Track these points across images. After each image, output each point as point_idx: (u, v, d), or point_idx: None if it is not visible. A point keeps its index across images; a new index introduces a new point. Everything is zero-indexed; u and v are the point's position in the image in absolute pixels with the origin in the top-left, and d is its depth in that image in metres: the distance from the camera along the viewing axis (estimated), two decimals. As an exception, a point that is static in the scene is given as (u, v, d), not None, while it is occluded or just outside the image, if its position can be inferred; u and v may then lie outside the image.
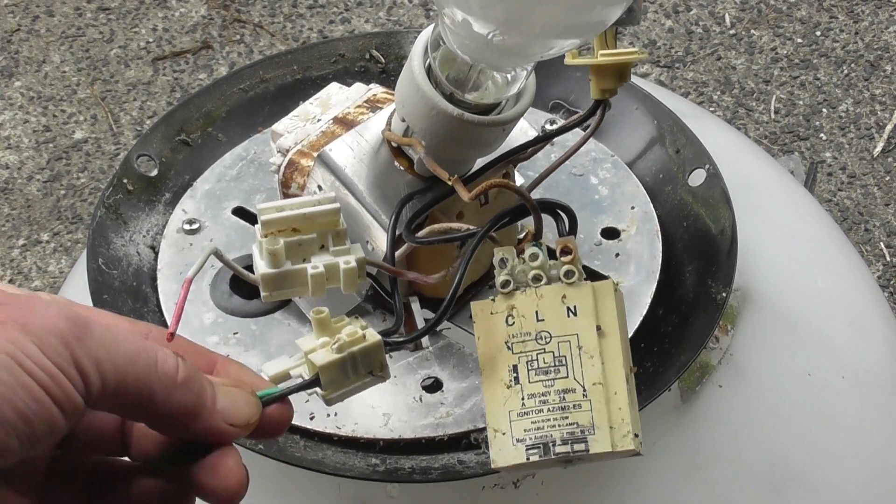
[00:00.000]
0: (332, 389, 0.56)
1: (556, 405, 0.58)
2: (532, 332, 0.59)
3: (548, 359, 0.58)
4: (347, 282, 0.60)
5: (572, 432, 0.58)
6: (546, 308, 0.59)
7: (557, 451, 0.57)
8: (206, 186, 0.81)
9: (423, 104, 0.62)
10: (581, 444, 0.57)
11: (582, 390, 0.58)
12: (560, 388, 0.58)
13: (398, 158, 0.67)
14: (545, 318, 0.59)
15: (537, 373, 0.58)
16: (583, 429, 0.57)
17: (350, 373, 0.56)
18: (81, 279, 0.76)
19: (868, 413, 0.79)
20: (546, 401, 0.58)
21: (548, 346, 0.59)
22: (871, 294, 0.86)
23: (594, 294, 0.59)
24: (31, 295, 0.49)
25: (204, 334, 0.72)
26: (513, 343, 0.59)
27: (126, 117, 1.89)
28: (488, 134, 0.63)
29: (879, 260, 1.67)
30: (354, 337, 0.56)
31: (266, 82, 0.87)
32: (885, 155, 1.78)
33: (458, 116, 0.62)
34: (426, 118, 0.63)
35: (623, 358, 0.58)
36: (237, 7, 2.03)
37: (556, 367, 0.58)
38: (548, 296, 0.59)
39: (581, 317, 0.58)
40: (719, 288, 0.71)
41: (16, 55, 1.99)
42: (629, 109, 0.82)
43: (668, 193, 0.78)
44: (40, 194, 1.80)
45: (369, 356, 0.57)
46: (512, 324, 0.59)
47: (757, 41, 1.93)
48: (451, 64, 0.62)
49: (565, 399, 0.58)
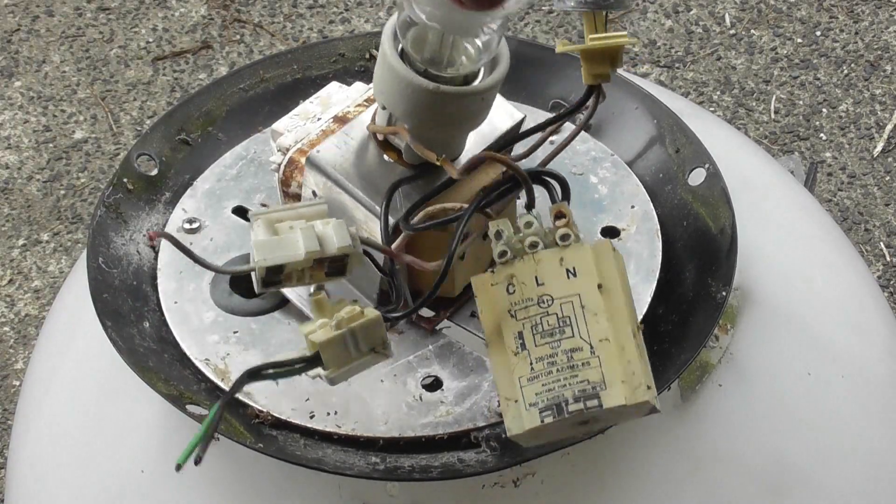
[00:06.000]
0: (335, 368, 0.56)
1: (564, 365, 0.57)
2: (534, 298, 0.58)
3: (552, 321, 0.58)
4: (340, 236, 0.59)
5: (584, 389, 0.57)
6: (545, 272, 0.59)
7: (571, 409, 0.57)
8: (206, 186, 0.81)
9: (399, 85, 0.63)
10: (594, 400, 0.57)
11: (589, 348, 0.57)
12: (567, 347, 0.57)
13: (387, 151, 0.67)
14: (545, 283, 0.58)
15: (542, 336, 0.58)
16: (594, 385, 0.57)
17: (352, 350, 0.57)
18: (81, 279, 0.76)
19: (868, 413, 0.79)
20: (554, 362, 0.57)
21: (550, 308, 0.58)
22: (871, 294, 0.86)
23: (593, 254, 0.58)
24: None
25: (204, 333, 0.72)
26: (516, 311, 0.59)
27: (126, 117, 1.89)
28: (468, 105, 0.63)
29: (879, 260, 1.67)
30: (353, 313, 0.56)
31: (266, 82, 0.87)
32: (885, 155, 1.78)
33: (435, 90, 0.62)
34: (405, 99, 0.63)
35: (628, 313, 0.57)
36: (237, 7, 2.03)
37: (562, 328, 0.58)
38: (546, 260, 0.59)
39: (581, 277, 0.58)
40: (719, 287, 0.71)
41: (16, 55, 1.99)
42: (629, 109, 0.82)
43: (668, 193, 0.78)
44: (40, 194, 1.80)
45: (370, 332, 0.57)
46: (513, 292, 0.59)
47: (757, 41, 1.93)
48: (423, 44, 0.62)
49: (573, 358, 0.57)
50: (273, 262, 0.58)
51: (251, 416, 0.68)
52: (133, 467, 0.74)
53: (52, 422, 0.80)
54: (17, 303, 1.68)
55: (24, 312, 1.67)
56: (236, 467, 0.70)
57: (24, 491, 0.81)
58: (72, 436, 0.78)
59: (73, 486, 0.77)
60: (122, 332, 0.72)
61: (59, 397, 0.81)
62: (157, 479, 0.73)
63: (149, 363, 0.70)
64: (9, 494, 0.82)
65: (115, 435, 0.76)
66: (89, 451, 0.77)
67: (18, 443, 0.84)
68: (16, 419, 0.86)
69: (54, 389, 0.82)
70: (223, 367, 0.70)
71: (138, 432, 0.75)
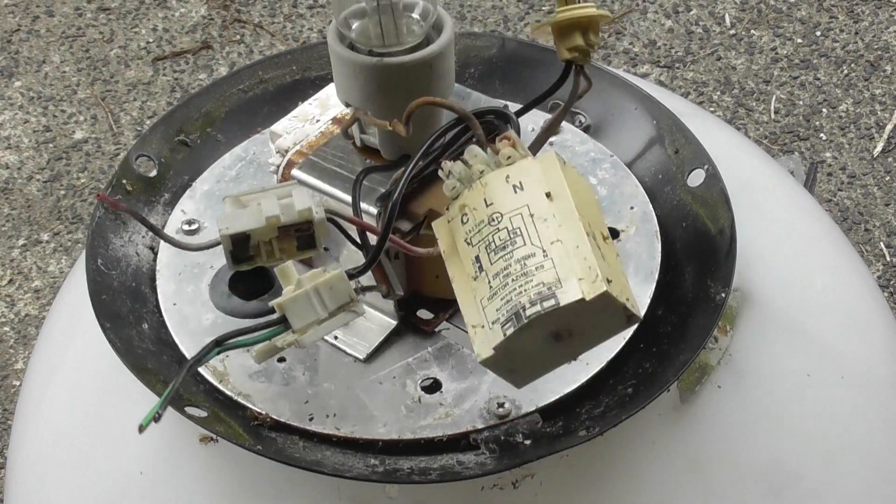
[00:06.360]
0: (303, 327, 0.57)
1: (518, 273, 0.57)
2: (485, 219, 0.58)
3: (503, 235, 0.58)
4: (300, 201, 0.60)
5: (539, 292, 0.56)
6: (493, 193, 0.59)
7: (528, 313, 0.56)
8: (205, 187, 0.81)
9: (350, 72, 0.65)
10: (551, 301, 0.56)
11: (542, 252, 0.57)
12: (519, 256, 0.57)
13: (367, 155, 0.69)
14: (494, 202, 0.59)
15: (496, 252, 0.58)
16: (549, 286, 0.56)
17: (318, 308, 0.57)
18: (81, 279, 0.76)
19: (868, 413, 0.79)
20: (509, 273, 0.57)
21: (501, 223, 0.58)
22: (871, 294, 0.86)
23: (539, 166, 0.58)
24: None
25: (203, 335, 0.72)
26: (471, 237, 0.59)
27: (126, 117, 1.89)
28: (418, 76, 0.65)
29: (879, 260, 1.67)
30: (315, 273, 0.57)
31: (265, 83, 0.87)
32: (885, 155, 1.78)
33: (378, 63, 0.64)
34: (357, 84, 0.65)
35: (579, 216, 0.57)
36: (237, 7, 2.03)
37: (513, 240, 0.57)
38: (492, 182, 0.59)
39: (528, 189, 0.58)
40: (718, 288, 0.71)
41: (16, 55, 1.99)
42: (628, 109, 0.82)
43: (668, 194, 0.78)
44: (40, 194, 1.80)
45: (334, 289, 0.57)
46: (466, 221, 0.59)
47: (757, 41, 1.93)
48: (367, 33, 0.65)
49: (526, 265, 0.57)
50: (235, 230, 0.59)
51: (250, 419, 0.68)
52: (132, 468, 0.74)
53: (52, 422, 0.80)
54: (17, 303, 1.68)
55: (24, 312, 1.67)
56: (236, 469, 0.70)
57: (24, 491, 0.81)
58: (72, 436, 0.78)
59: (72, 486, 0.77)
60: (121, 334, 0.72)
61: (59, 397, 0.81)
62: (156, 480, 0.73)
63: (147, 365, 0.70)
64: (9, 494, 0.82)
65: (115, 436, 0.76)
66: (89, 452, 0.77)
67: (18, 443, 0.84)
68: (16, 419, 0.86)
69: (54, 389, 0.82)
70: (221, 368, 0.70)
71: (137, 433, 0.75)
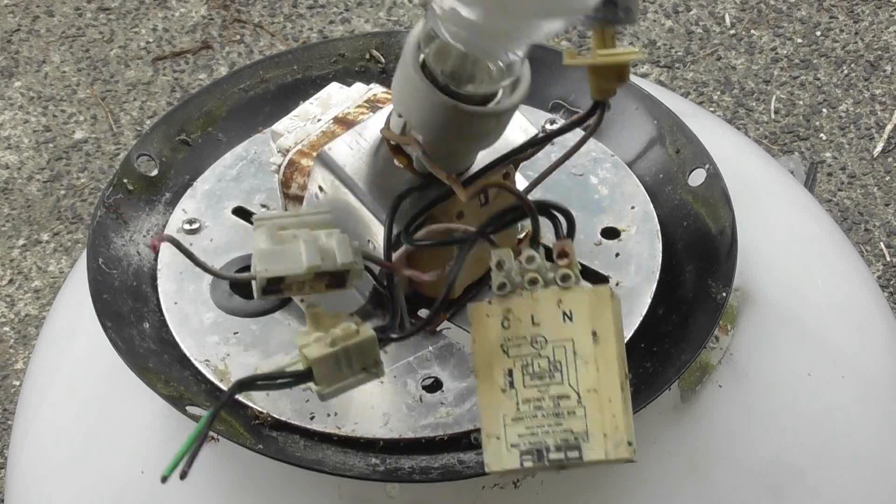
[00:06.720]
0: (326, 384, 0.56)
1: (550, 411, 0.58)
2: (527, 336, 0.58)
3: (543, 364, 0.58)
4: (342, 252, 0.59)
5: (566, 439, 0.57)
6: (542, 312, 0.58)
7: (551, 457, 0.57)
8: (206, 186, 0.81)
9: (418, 97, 0.62)
10: (575, 452, 0.57)
11: (577, 397, 0.57)
12: (555, 393, 0.58)
13: (397, 156, 0.67)
14: (541, 323, 0.58)
15: (532, 378, 0.58)
16: (577, 436, 0.57)
17: (343, 368, 0.56)
18: (81, 279, 0.76)
19: (868, 413, 0.79)
20: (541, 406, 0.58)
21: (543, 350, 0.58)
22: (871, 294, 0.86)
23: (590, 299, 0.58)
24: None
25: (204, 334, 0.72)
26: (508, 346, 0.59)
27: (126, 117, 1.89)
28: (485, 125, 0.63)
29: (879, 260, 1.67)
30: (348, 331, 0.56)
31: (266, 82, 0.87)
32: (885, 155, 1.78)
33: (453, 107, 0.61)
34: (421, 111, 0.62)
35: (618, 365, 0.58)
36: (237, 7, 2.03)
37: (552, 373, 0.58)
38: (543, 300, 0.59)
39: (577, 322, 0.58)
40: (719, 288, 0.71)
41: (16, 55, 1.99)
42: (629, 109, 0.82)
43: (668, 193, 0.78)
44: (40, 194, 1.80)
45: (363, 351, 0.57)
46: (507, 327, 0.59)
47: (757, 41, 1.93)
48: (445, 58, 0.61)
49: (560, 405, 0.58)
50: (274, 274, 0.58)
51: (251, 418, 0.68)
52: (133, 468, 0.74)
53: (52, 422, 0.80)
54: (17, 303, 1.68)
55: (24, 312, 1.67)
56: (236, 469, 0.70)
57: (24, 491, 0.81)
58: (72, 436, 0.78)
59: (73, 487, 0.77)
60: (122, 333, 0.72)
61: (59, 397, 0.81)
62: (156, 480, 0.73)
63: (149, 364, 0.70)
64: (9, 494, 0.82)
65: (115, 435, 0.76)
66: (89, 452, 0.77)
67: (18, 443, 0.84)
68: (16, 419, 0.86)
69: (54, 389, 0.82)
70: (223, 367, 0.70)
71: (138, 433, 0.75)
